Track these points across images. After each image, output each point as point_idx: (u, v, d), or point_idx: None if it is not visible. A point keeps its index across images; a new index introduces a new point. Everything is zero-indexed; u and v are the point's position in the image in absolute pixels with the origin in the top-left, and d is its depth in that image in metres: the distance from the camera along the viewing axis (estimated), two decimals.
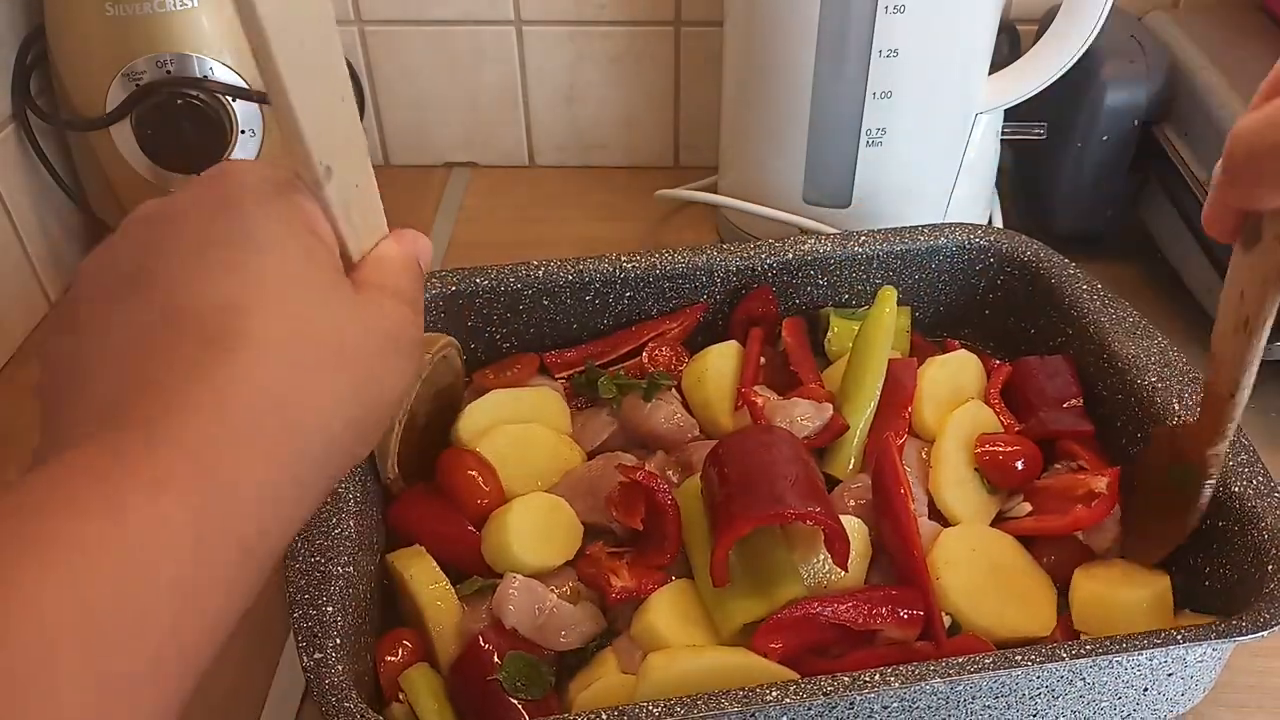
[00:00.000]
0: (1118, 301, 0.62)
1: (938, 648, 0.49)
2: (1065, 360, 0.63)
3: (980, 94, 0.73)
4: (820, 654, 0.50)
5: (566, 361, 0.65)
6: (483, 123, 0.95)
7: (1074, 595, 0.53)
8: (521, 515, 0.54)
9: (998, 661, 0.44)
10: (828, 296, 0.68)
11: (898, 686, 0.43)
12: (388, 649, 0.51)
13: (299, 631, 0.46)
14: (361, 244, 0.37)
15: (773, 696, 0.42)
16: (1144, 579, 0.52)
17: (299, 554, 0.49)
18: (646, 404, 0.60)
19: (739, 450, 0.53)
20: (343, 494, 0.52)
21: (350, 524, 0.51)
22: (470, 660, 0.49)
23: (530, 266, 0.65)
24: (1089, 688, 0.47)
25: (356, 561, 0.50)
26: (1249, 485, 0.51)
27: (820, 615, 0.49)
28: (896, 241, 0.67)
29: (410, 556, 0.54)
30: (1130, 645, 0.44)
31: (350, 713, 0.43)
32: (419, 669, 0.50)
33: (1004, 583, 0.53)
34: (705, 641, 0.50)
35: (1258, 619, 0.45)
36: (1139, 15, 0.83)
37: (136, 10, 0.70)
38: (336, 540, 0.50)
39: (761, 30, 0.72)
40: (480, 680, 0.49)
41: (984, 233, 0.68)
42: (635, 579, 0.52)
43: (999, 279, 0.68)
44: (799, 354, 0.64)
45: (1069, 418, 0.60)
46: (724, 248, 0.66)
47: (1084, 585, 0.53)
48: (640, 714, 0.42)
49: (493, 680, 0.48)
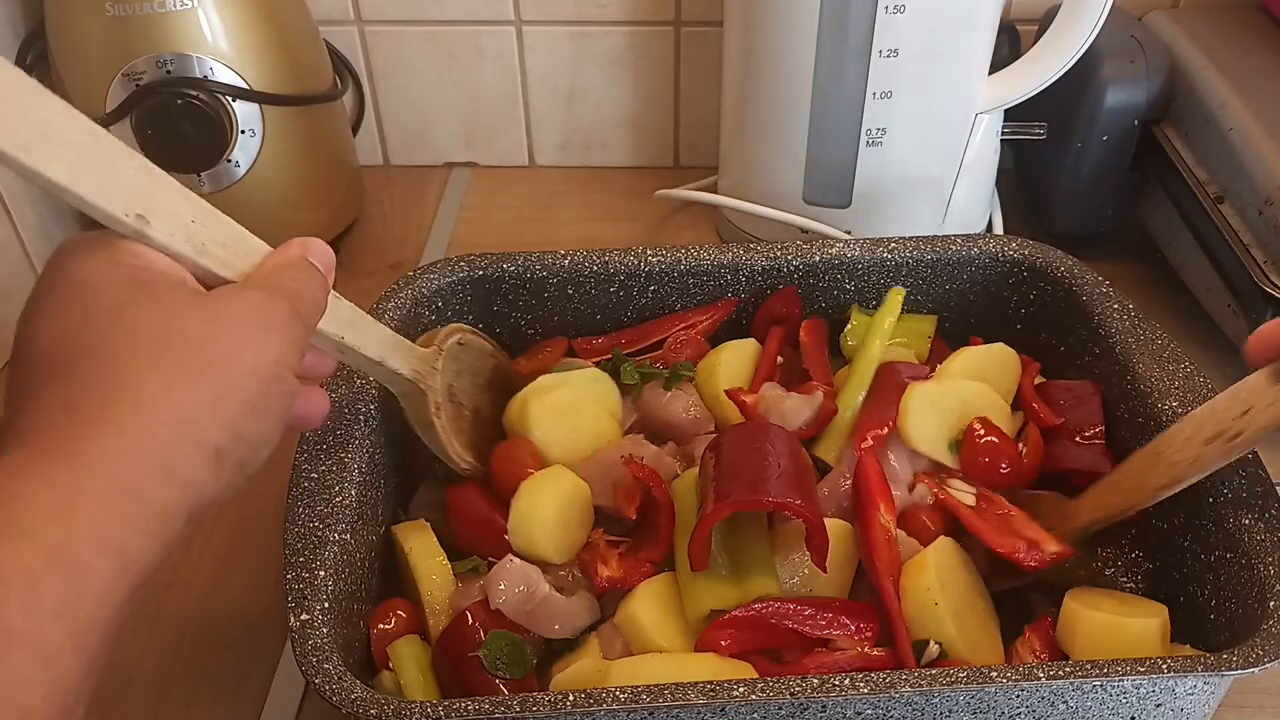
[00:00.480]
0: (1147, 323, 0.60)
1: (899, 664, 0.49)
2: (1093, 387, 0.61)
3: (980, 94, 0.73)
4: (773, 658, 0.50)
5: (595, 348, 0.66)
6: (483, 123, 0.95)
7: (1063, 619, 0.51)
8: (546, 501, 0.54)
9: (971, 676, 0.43)
10: (853, 301, 0.67)
11: (867, 692, 0.42)
12: (381, 618, 0.52)
13: (289, 592, 0.47)
14: (237, 268, 0.41)
15: (739, 692, 0.42)
16: (1139, 608, 0.51)
17: (299, 518, 0.50)
18: (666, 393, 0.61)
19: (733, 441, 0.53)
20: (347, 463, 0.53)
21: (352, 493, 0.52)
22: (455, 634, 0.50)
23: (556, 255, 0.65)
24: (1072, 711, 0.46)
25: (355, 530, 0.51)
26: (1259, 518, 0.50)
27: (772, 616, 0.49)
28: (927, 250, 0.66)
29: (412, 530, 0.55)
30: (1111, 671, 0.43)
31: (329, 674, 0.43)
32: (407, 640, 0.51)
33: (977, 608, 0.52)
34: (683, 635, 0.50)
35: (1250, 655, 0.44)
36: (1139, 15, 0.83)
37: (136, 10, 0.70)
38: (337, 508, 0.50)
39: (761, 30, 0.72)
40: (463, 655, 0.49)
41: (1018, 245, 0.66)
42: (623, 570, 0.53)
43: (1031, 293, 0.66)
44: (813, 354, 0.64)
45: (1088, 455, 0.58)
46: (750, 247, 0.66)
47: (1074, 610, 0.51)
48: (605, 698, 0.42)
49: (474, 656, 0.49)
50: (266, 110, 0.75)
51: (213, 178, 0.75)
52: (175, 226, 0.39)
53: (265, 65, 0.75)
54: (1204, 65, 0.74)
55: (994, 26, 0.71)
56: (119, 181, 0.37)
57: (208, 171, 0.75)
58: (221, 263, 0.40)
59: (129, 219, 0.37)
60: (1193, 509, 0.53)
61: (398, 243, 0.88)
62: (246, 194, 0.76)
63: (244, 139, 0.75)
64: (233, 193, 0.76)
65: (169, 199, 0.39)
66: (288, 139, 0.77)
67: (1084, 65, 0.71)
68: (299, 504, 0.50)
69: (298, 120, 0.78)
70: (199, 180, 0.75)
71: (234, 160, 0.75)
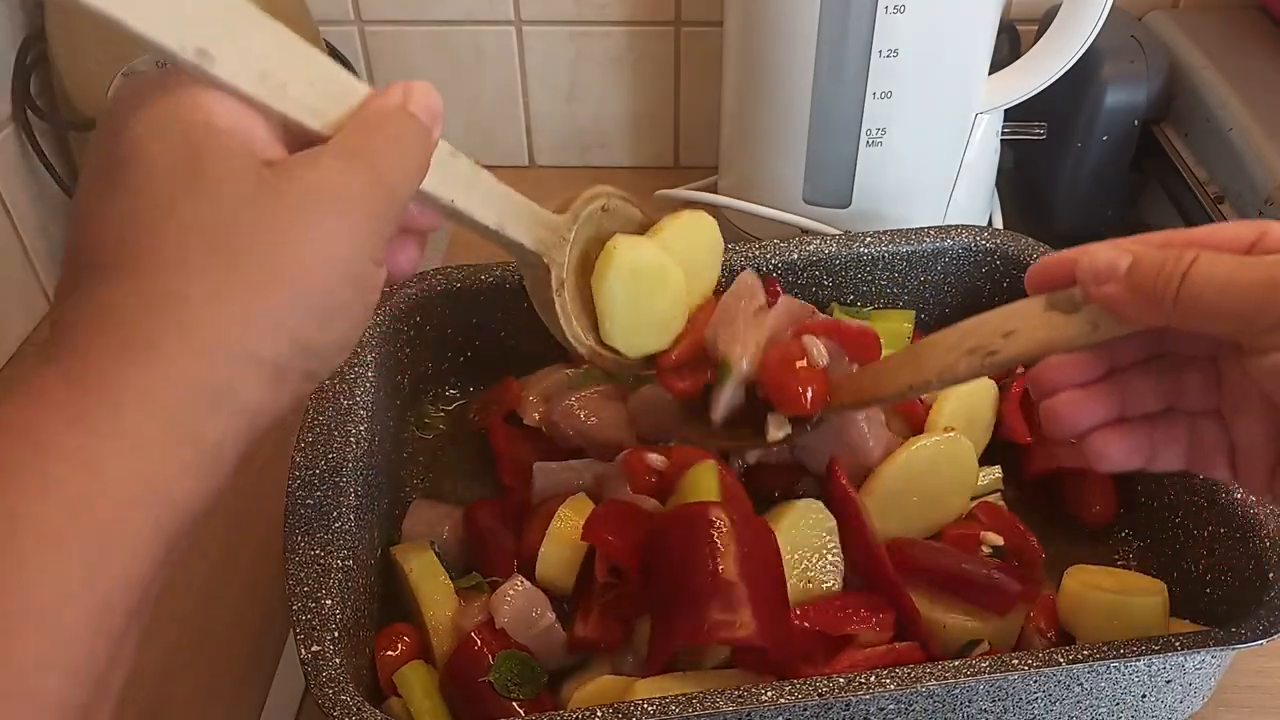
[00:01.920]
0: None
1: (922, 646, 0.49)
2: None
3: (980, 94, 0.73)
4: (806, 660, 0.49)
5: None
6: (483, 123, 0.95)
7: (1065, 599, 0.52)
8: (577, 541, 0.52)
9: (994, 665, 0.44)
10: (832, 297, 0.68)
11: (893, 688, 0.43)
12: (386, 644, 0.51)
13: (297, 624, 0.46)
14: (327, 116, 0.34)
15: (768, 697, 0.42)
16: (1140, 585, 0.52)
17: (299, 548, 0.49)
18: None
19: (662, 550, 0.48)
20: (343, 487, 0.52)
21: (350, 518, 0.51)
22: (463, 659, 0.49)
23: None
24: (1086, 693, 0.47)
25: (356, 555, 0.51)
26: (1250, 491, 0.51)
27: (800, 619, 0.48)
28: (902, 243, 0.67)
29: (412, 551, 0.54)
30: (1129, 651, 0.44)
31: (347, 706, 0.43)
32: (413, 667, 0.50)
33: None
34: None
35: (1257, 627, 0.45)
36: (1139, 15, 0.83)
37: None
38: (336, 534, 0.50)
39: (761, 30, 0.72)
40: (473, 679, 0.48)
41: (990, 235, 0.67)
42: (596, 629, 0.50)
43: (1005, 282, 0.67)
44: None
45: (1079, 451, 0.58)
46: (730, 247, 0.66)
47: (1076, 590, 0.51)
48: (636, 711, 0.42)
49: (484, 681, 0.48)
50: None
51: None
52: (247, 63, 0.32)
53: None
54: (1204, 65, 0.74)
55: (994, 26, 0.71)
56: (180, 6, 0.30)
57: None
58: (308, 109, 0.33)
59: (186, 54, 0.31)
60: (1183, 486, 0.54)
61: None
62: None
63: None
64: None
65: (243, 28, 0.32)
66: None
67: (1084, 65, 0.71)
68: (297, 532, 0.50)
69: None
70: None
71: None
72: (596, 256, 0.49)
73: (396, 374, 0.62)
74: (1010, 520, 0.56)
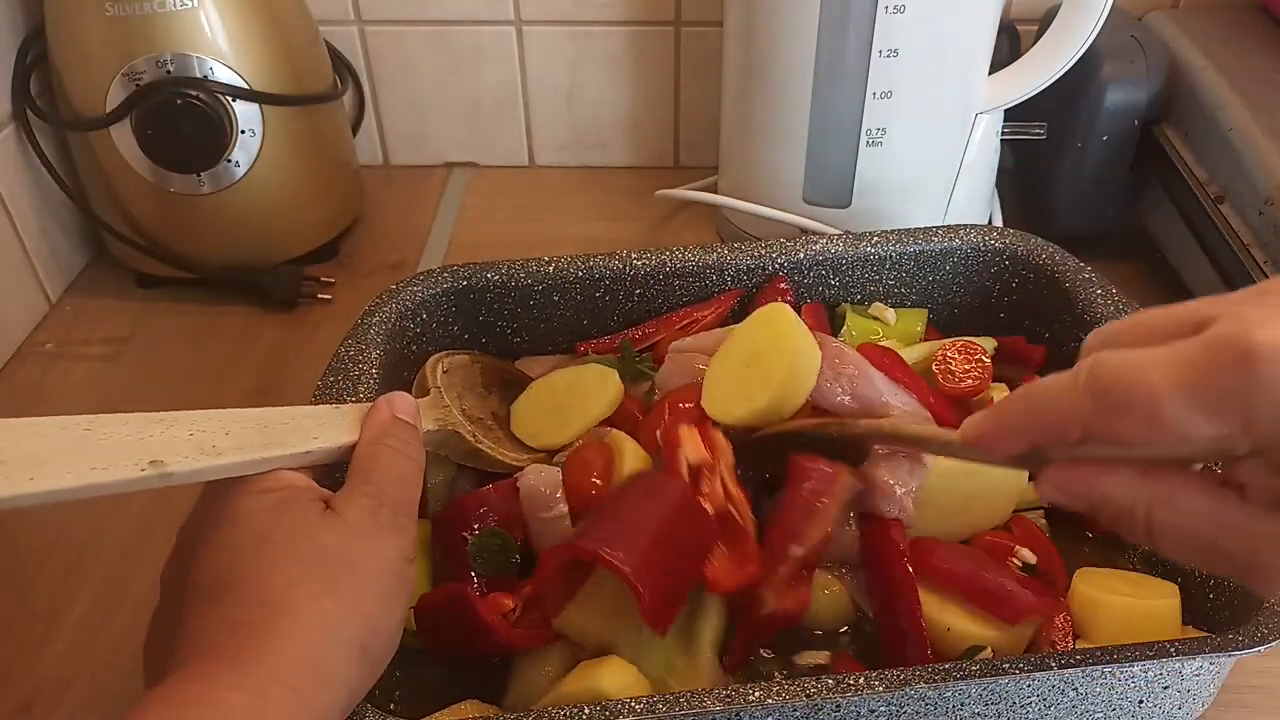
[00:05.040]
0: (1131, 306, 0.61)
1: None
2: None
3: (980, 94, 0.73)
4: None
5: (598, 349, 0.65)
6: (483, 123, 0.95)
7: (1078, 603, 0.51)
8: None
9: (984, 669, 0.43)
10: (839, 297, 0.67)
11: (882, 690, 0.43)
12: None
13: None
14: (305, 445, 0.44)
15: (755, 697, 0.42)
16: (1153, 589, 0.51)
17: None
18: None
19: (617, 492, 0.51)
20: None
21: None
22: (458, 511, 0.53)
23: (541, 262, 0.65)
24: (1081, 698, 0.46)
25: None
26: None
27: None
28: (910, 243, 0.66)
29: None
30: (1122, 656, 0.44)
31: None
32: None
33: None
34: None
35: (1255, 634, 0.44)
36: (1139, 15, 0.83)
37: (136, 10, 0.70)
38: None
39: (761, 30, 0.72)
40: (457, 534, 0.52)
41: (999, 235, 0.67)
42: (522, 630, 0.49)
43: (1014, 282, 0.67)
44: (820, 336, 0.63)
45: None
46: (735, 247, 0.66)
47: (1090, 595, 0.51)
48: (621, 710, 0.42)
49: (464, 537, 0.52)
50: (266, 110, 0.75)
51: (213, 178, 0.75)
52: (187, 451, 0.40)
53: (265, 65, 0.75)
54: (1204, 65, 0.74)
55: (994, 26, 0.71)
56: (112, 450, 0.38)
57: (208, 171, 0.75)
58: (282, 452, 0.43)
59: (147, 473, 0.38)
60: None
61: (398, 243, 0.88)
62: (246, 194, 0.76)
63: (244, 139, 0.75)
64: (233, 193, 0.76)
65: (162, 431, 0.40)
66: (288, 139, 0.77)
67: (1084, 65, 0.71)
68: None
69: (298, 120, 0.78)
70: (199, 180, 0.75)
71: (234, 160, 0.75)
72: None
73: (402, 371, 0.62)
74: (1045, 542, 0.55)
